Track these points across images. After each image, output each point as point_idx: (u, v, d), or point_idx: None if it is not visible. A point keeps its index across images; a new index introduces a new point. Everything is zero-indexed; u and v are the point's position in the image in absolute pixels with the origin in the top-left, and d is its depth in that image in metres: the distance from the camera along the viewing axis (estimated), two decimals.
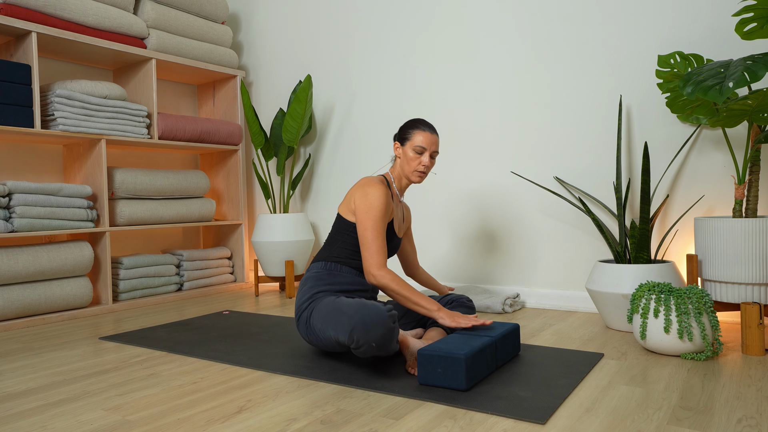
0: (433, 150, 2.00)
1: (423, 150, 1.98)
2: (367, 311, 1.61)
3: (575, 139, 2.70)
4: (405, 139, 2.01)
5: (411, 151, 1.98)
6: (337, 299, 1.75)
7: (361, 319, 1.60)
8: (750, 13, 1.95)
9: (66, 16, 2.84)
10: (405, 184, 2.07)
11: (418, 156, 1.98)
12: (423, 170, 1.99)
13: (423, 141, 1.98)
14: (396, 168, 2.06)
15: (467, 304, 2.04)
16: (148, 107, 3.18)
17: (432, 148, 1.99)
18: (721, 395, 1.48)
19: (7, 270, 2.52)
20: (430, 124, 2.02)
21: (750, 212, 2.12)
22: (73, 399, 1.58)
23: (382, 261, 1.83)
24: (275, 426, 1.34)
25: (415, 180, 2.01)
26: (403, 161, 2.01)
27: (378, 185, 1.90)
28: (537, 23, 2.78)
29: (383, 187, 1.90)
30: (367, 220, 1.85)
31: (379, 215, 1.86)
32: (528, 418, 1.34)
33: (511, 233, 2.88)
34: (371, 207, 1.86)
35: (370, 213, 1.86)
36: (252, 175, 3.89)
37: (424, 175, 2.01)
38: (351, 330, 1.60)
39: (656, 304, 1.85)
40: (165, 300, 3.21)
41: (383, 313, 1.61)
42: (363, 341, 1.59)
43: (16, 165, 2.95)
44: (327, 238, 2.06)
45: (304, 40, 3.61)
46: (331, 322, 1.70)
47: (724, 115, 2.01)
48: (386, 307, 1.65)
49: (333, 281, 1.91)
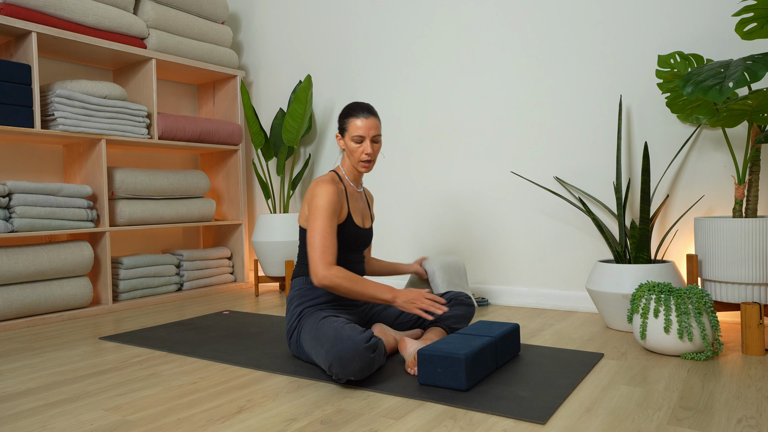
0: (373, 135, 1.92)
1: (362, 138, 1.91)
2: (342, 345, 1.56)
3: (575, 139, 2.70)
4: (343, 129, 1.94)
5: (351, 142, 1.92)
6: (318, 323, 1.71)
7: (337, 354, 1.55)
8: (750, 13, 1.95)
9: (66, 16, 2.84)
10: (357, 174, 2.00)
11: (358, 145, 1.91)
12: (367, 159, 1.92)
13: (360, 128, 1.90)
14: (345, 160, 2.00)
15: (466, 302, 2.03)
16: (148, 107, 3.18)
17: (371, 133, 1.91)
18: (721, 395, 1.48)
19: (7, 270, 2.52)
20: (366, 106, 1.93)
21: (750, 212, 2.12)
22: (73, 399, 1.58)
23: (329, 260, 1.76)
24: (275, 426, 1.34)
25: (362, 170, 1.95)
26: (348, 153, 1.95)
27: (324, 184, 1.84)
28: (537, 23, 2.78)
29: (330, 185, 1.84)
30: (314, 221, 1.80)
31: (326, 214, 1.80)
32: (528, 418, 1.34)
33: (511, 233, 2.88)
34: (317, 208, 1.81)
35: (316, 215, 1.81)
36: (252, 175, 3.89)
37: (370, 164, 1.93)
38: (329, 365, 1.58)
39: (656, 304, 1.85)
40: (165, 300, 3.21)
41: (360, 346, 1.55)
42: (342, 375, 1.57)
43: (16, 165, 2.95)
44: (299, 251, 2.01)
45: (304, 40, 3.61)
46: (313, 351, 1.69)
47: (724, 115, 2.01)
48: (364, 336, 1.58)
49: (316, 295, 1.89)
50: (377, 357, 1.59)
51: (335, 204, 1.83)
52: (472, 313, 2.08)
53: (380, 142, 1.96)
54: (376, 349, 1.59)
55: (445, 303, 2.02)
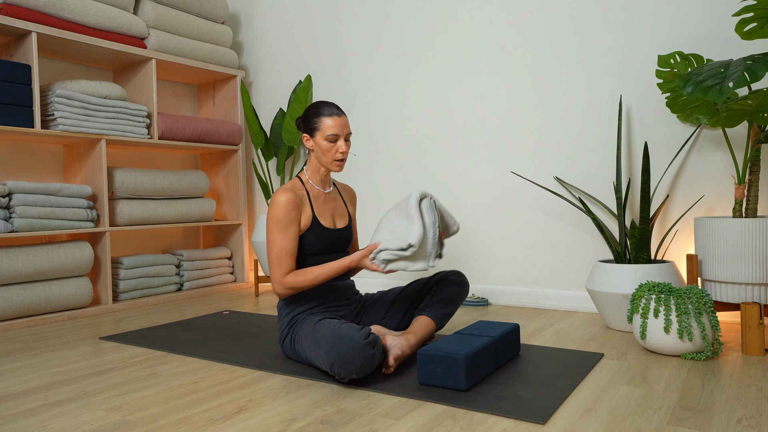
0: (346, 133, 1.89)
1: (336, 137, 1.86)
2: (342, 345, 1.56)
3: (575, 139, 2.70)
4: (313, 129, 1.89)
5: (324, 141, 1.87)
6: (314, 326, 1.71)
7: (337, 354, 1.56)
8: (750, 13, 1.95)
9: (66, 16, 2.84)
10: (324, 174, 1.97)
11: (333, 144, 1.87)
12: (342, 158, 1.89)
13: (333, 127, 1.86)
14: (311, 161, 1.95)
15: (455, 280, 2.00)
16: (148, 107, 3.18)
17: (344, 131, 1.88)
18: (721, 395, 1.48)
19: (7, 270, 2.52)
20: (334, 105, 1.91)
21: (750, 212, 2.12)
22: (73, 399, 1.58)
23: (282, 272, 1.79)
24: (275, 426, 1.34)
25: (335, 170, 1.91)
26: (318, 153, 1.90)
27: (278, 194, 1.83)
28: (537, 23, 2.78)
29: (284, 194, 1.82)
30: (268, 235, 1.82)
31: (278, 226, 1.80)
32: (528, 418, 1.34)
33: (511, 233, 2.88)
34: (270, 220, 1.82)
35: (268, 228, 1.82)
36: (252, 175, 3.89)
37: (344, 163, 1.91)
38: (331, 365, 1.58)
39: (656, 304, 1.85)
40: (165, 300, 3.21)
41: (359, 343, 1.55)
42: (344, 374, 1.57)
43: (16, 165, 2.95)
44: None
45: (304, 40, 3.61)
46: (312, 354, 1.69)
47: (724, 115, 2.01)
48: (362, 333, 1.58)
49: (304, 301, 1.89)
50: (377, 353, 1.60)
51: (288, 213, 1.81)
52: (463, 291, 2.01)
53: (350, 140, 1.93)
54: (376, 345, 1.60)
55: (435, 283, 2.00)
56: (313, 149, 1.92)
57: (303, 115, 1.94)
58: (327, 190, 2.00)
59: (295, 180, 1.96)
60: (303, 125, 1.93)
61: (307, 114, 1.92)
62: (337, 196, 2.05)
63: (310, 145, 1.92)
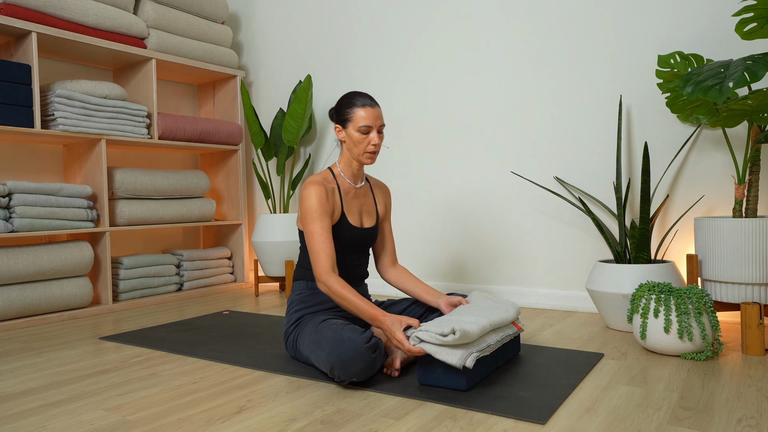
0: (379, 125, 1.83)
1: (369, 128, 1.80)
2: (343, 347, 1.55)
3: (575, 139, 2.70)
4: (345, 120, 1.83)
5: (356, 133, 1.81)
6: (317, 327, 1.70)
7: (338, 356, 1.55)
8: (750, 13, 1.95)
9: (66, 16, 2.84)
10: (357, 167, 1.90)
11: (365, 136, 1.81)
12: (374, 150, 1.83)
13: (366, 118, 1.80)
14: (344, 153, 1.89)
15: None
16: (148, 107, 3.18)
17: (377, 123, 1.82)
18: (721, 395, 1.48)
19: (7, 270, 2.52)
20: (368, 95, 1.84)
21: (750, 212, 2.12)
22: (73, 399, 1.58)
23: (327, 265, 1.72)
24: (275, 426, 1.34)
25: (366, 162, 1.85)
26: (350, 144, 1.84)
27: (309, 186, 1.79)
28: (537, 23, 2.78)
29: (315, 186, 1.78)
30: (307, 225, 1.77)
31: (314, 217, 1.75)
32: (528, 418, 1.34)
33: (511, 233, 2.88)
34: (305, 212, 1.77)
35: (306, 219, 1.77)
36: (252, 175, 3.89)
37: (376, 155, 1.85)
38: (331, 367, 1.57)
39: (656, 304, 1.85)
40: (165, 300, 3.21)
41: (360, 347, 1.54)
42: (344, 377, 1.57)
43: (16, 165, 2.95)
44: (299, 253, 1.95)
45: (304, 40, 3.61)
46: (313, 354, 1.68)
47: (724, 115, 2.01)
48: (364, 337, 1.57)
49: (317, 302, 1.88)
50: (378, 357, 1.59)
51: (322, 205, 1.77)
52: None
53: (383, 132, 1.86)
54: (377, 349, 1.59)
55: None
56: (344, 140, 1.86)
57: (336, 105, 1.88)
58: (358, 185, 1.94)
59: (327, 172, 1.90)
60: (335, 116, 1.87)
61: (339, 104, 1.86)
62: (368, 192, 1.99)
63: (342, 137, 1.86)
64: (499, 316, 1.70)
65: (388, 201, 2.07)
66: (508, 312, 1.77)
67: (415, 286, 1.98)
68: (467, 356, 1.50)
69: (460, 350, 1.50)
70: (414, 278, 2.01)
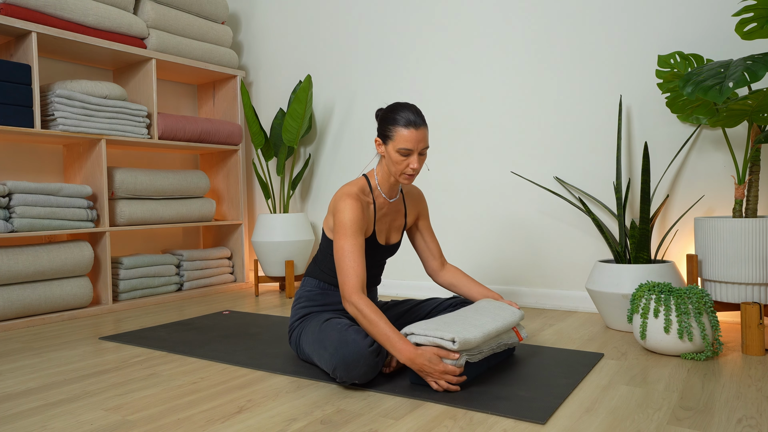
0: (422, 147, 1.70)
1: (409, 152, 1.69)
2: (347, 349, 1.54)
3: (575, 139, 2.70)
4: (386, 137, 1.72)
5: (395, 154, 1.70)
6: (322, 326, 1.69)
7: (341, 358, 1.54)
8: (750, 13, 1.95)
9: (66, 16, 2.84)
10: (394, 182, 1.81)
11: (404, 158, 1.70)
12: (412, 173, 1.72)
13: (408, 141, 1.68)
14: (383, 165, 1.79)
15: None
16: (148, 107, 3.18)
17: (420, 146, 1.69)
18: (721, 395, 1.48)
19: (7, 270, 2.52)
20: (415, 113, 1.70)
21: (750, 212, 2.12)
22: (73, 399, 1.58)
23: (357, 285, 1.63)
24: (275, 426, 1.34)
25: (403, 182, 1.75)
26: (389, 162, 1.73)
27: (347, 200, 1.70)
28: (537, 23, 2.78)
29: (352, 201, 1.69)
30: (338, 240, 1.68)
31: (348, 234, 1.67)
32: (528, 418, 1.34)
33: (511, 233, 2.88)
34: (341, 226, 1.68)
35: (340, 233, 1.68)
36: (252, 175, 3.89)
37: (413, 178, 1.75)
38: (333, 368, 1.57)
39: (656, 304, 1.85)
40: (165, 300, 3.21)
41: (365, 350, 1.54)
42: (346, 378, 1.56)
43: (16, 165, 2.95)
44: (317, 252, 1.92)
45: (304, 40, 3.61)
46: (315, 353, 1.67)
47: (724, 115, 2.01)
48: (369, 339, 1.57)
49: (325, 302, 1.87)
50: (381, 361, 1.59)
51: (359, 221, 1.69)
52: None
53: (426, 153, 1.73)
54: (380, 353, 1.58)
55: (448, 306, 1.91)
56: (384, 155, 1.75)
57: (381, 115, 1.76)
58: (392, 200, 1.86)
59: (363, 182, 1.80)
60: (379, 127, 1.76)
61: (385, 117, 1.74)
62: (400, 207, 1.91)
63: (381, 151, 1.75)
64: (503, 322, 1.71)
65: (422, 206, 1.99)
66: (514, 316, 1.78)
67: (469, 288, 1.93)
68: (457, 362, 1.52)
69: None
70: (467, 279, 1.95)
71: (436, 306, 1.95)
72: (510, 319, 1.74)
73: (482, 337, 1.57)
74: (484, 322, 1.64)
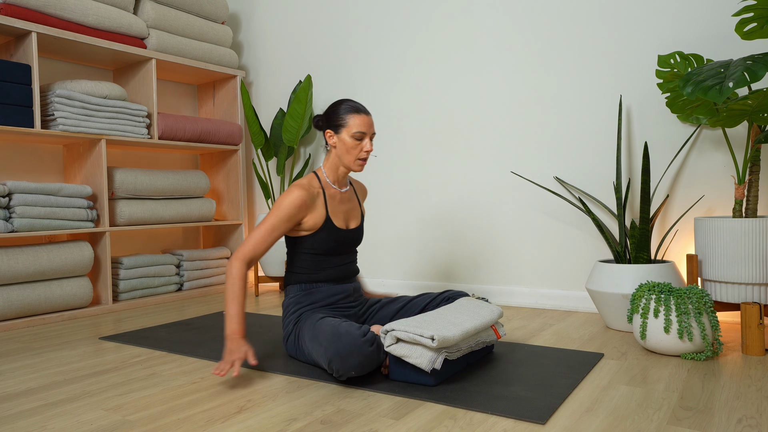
0: (372, 132, 1.87)
1: (363, 135, 1.84)
2: (340, 341, 1.56)
3: (575, 139, 2.70)
4: (338, 126, 1.85)
5: (349, 139, 1.83)
6: (316, 324, 1.71)
7: (335, 350, 1.56)
8: (750, 13, 1.95)
9: (66, 16, 2.84)
10: (343, 173, 1.93)
11: (359, 143, 1.84)
12: (365, 157, 1.86)
13: (361, 125, 1.83)
14: (330, 158, 1.91)
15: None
16: (148, 107, 3.18)
17: (371, 130, 1.86)
18: (721, 395, 1.48)
19: (7, 270, 2.52)
20: (360, 103, 1.90)
21: (750, 212, 2.12)
22: (73, 399, 1.58)
23: (248, 255, 1.77)
24: (275, 426, 1.34)
25: (356, 169, 1.88)
26: (341, 150, 1.86)
27: (292, 188, 1.81)
28: (537, 23, 2.78)
29: (296, 190, 1.81)
30: (267, 217, 1.81)
31: (277, 217, 1.78)
32: (528, 418, 1.34)
33: (511, 233, 2.88)
34: (275, 206, 1.80)
35: (270, 212, 1.80)
36: (252, 175, 3.89)
37: (366, 162, 1.89)
38: (329, 361, 1.58)
39: (656, 304, 1.85)
40: (165, 300, 3.21)
41: (357, 340, 1.56)
42: (342, 370, 1.57)
43: (16, 165, 2.95)
44: (286, 259, 1.99)
45: (304, 40, 3.61)
46: (313, 350, 1.69)
47: (724, 115, 2.01)
48: (361, 330, 1.59)
49: (312, 300, 1.89)
50: (376, 351, 1.60)
51: (293, 209, 1.80)
52: None
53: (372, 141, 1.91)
54: (374, 343, 1.60)
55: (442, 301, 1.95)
56: (335, 146, 1.88)
57: (327, 111, 1.90)
58: (343, 190, 1.98)
59: (313, 177, 1.92)
60: (325, 121, 1.89)
61: (333, 110, 1.87)
62: (352, 196, 2.02)
63: (333, 142, 1.88)
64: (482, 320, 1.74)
65: (365, 198, 2.15)
66: (492, 314, 1.81)
67: None
68: (435, 359, 1.54)
69: (430, 353, 1.54)
70: None
71: (429, 302, 1.97)
72: (489, 317, 1.78)
73: (461, 335, 1.60)
74: (462, 321, 1.68)
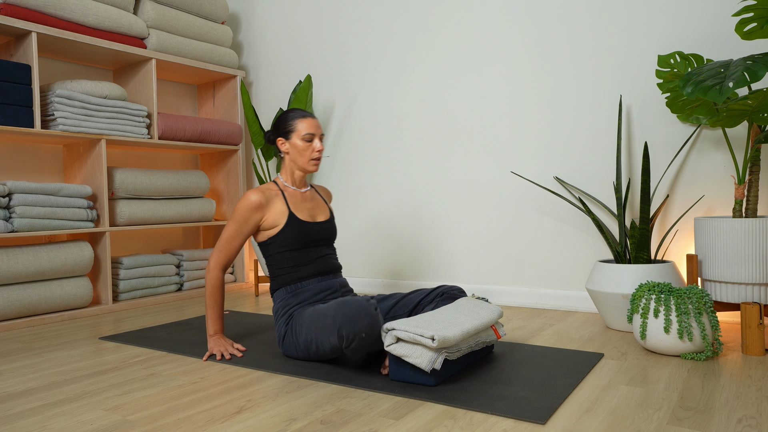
0: (321, 133, 2.02)
1: (312, 136, 1.98)
2: (347, 306, 1.66)
3: (575, 139, 2.70)
4: (288, 132, 2.00)
5: (300, 142, 1.98)
6: (314, 308, 1.79)
7: (343, 315, 1.64)
8: (750, 13, 1.95)
9: (66, 16, 2.84)
10: (300, 177, 2.06)
11: (309, 144, 1.99)
12: (318, 156, 2.00)
13: (309, 127, 1.98)
14: (285, 165, 2.05)
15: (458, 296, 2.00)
16: (148, 107, 3.18)
17: (318, 131, 2.01)
18: (721, 395, 1.48)
19: (7, 270, 2.52)
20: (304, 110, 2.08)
21: (750, 212, 2.12)
22: (73, 399, 1.58)
23: (221, 261, 1.96)
24: (275, 426, 1.34)
25: (311, 169, 2.02)
26: (294, 155, 2.00)
27: (249, 194, 1.93)
28: (537, 23, 2.78)
29: (252, 194, 1.93)
30: (228, 224, 1.96)
31: (237, 221, 1.93)
32: (528, 418, 1.34)
33: (511, 233, 2.88)
34: (234, 212, 1.94)
35: (231, 218, 1.95)
36: (252, 175, 3.89)
37: (319, 162, 2.02)
38: (338, 328, 1.64)
39: (656, 304, 1.85)
40: (165, 300, 3.21)
41: (363, 303, 1.66)
42: (352, 335, 1.62)
43: (16, 165, 2.95)
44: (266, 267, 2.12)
45: (304, 40, 3.61)
46: (317, 330, 1.72)
47: (724, 115, 2.01)
48: (364, 297, 1.69)
49: (301, 300, 1.93)
50: (379, 318, 1.66)
51: (246, 212, 1.92)
52: None
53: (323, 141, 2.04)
54: (377, 309, 1.68)
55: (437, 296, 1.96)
56: (288, 152, 2.02)
57: (275, 123, 2.04)
58: (303, 190, 2.09)
59: (270, 183, 2.04)
60: (275, 131, 2.03)
61: (281, 119, 2.02)
62: (315, 196, 2.13)
63: (286, 149, 2.01)
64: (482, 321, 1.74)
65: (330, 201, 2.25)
66: (492, 314, 1.81)
67: None
68: (435, 359, 1.54)
69: (430, 353, 1.54)
70: None
71: (423, 297, 1.98)
72: (489, 317, 1.78)
73: (461, 336, 1.60)
74: (462, 321, 1.69)
